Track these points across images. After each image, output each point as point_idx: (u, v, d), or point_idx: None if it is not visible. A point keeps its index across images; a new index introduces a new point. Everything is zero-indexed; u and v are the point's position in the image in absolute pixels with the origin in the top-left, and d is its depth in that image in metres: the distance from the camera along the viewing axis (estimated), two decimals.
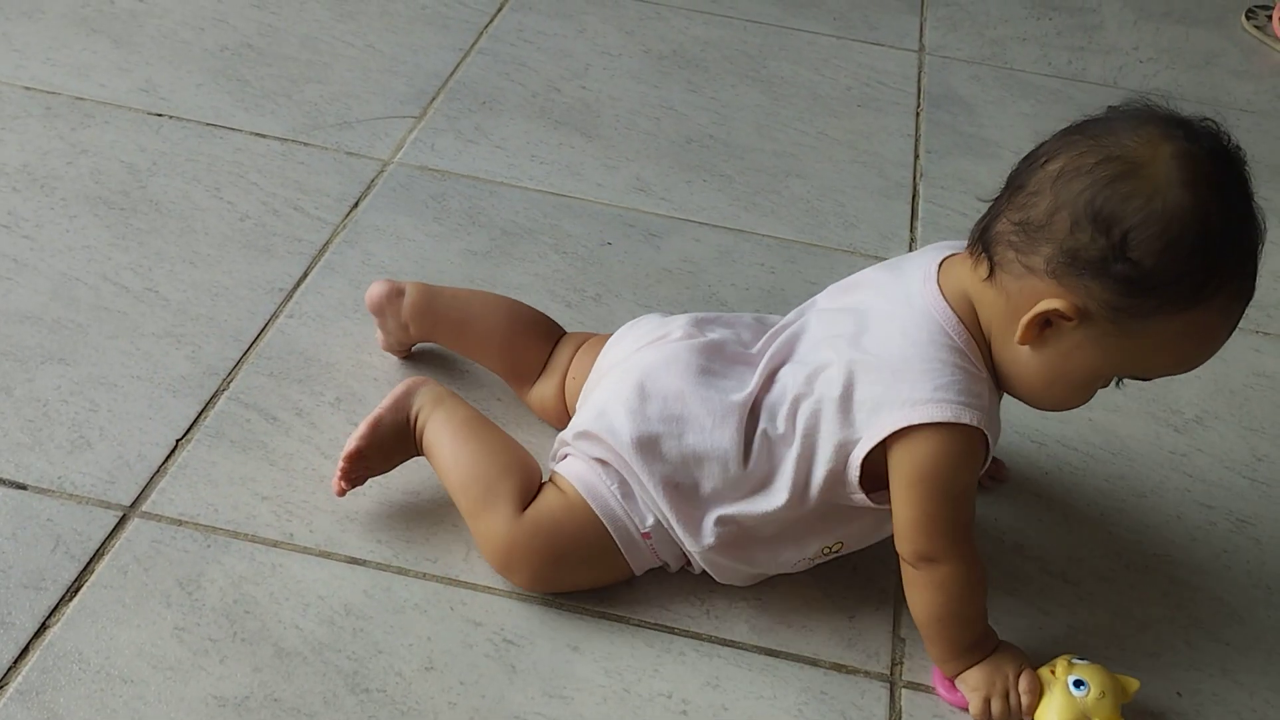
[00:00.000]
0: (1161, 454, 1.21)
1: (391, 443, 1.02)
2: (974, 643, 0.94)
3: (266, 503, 1.03)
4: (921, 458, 0.90)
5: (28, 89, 1.50)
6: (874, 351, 0.92)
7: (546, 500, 0.97)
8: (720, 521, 0.95)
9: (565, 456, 1.01)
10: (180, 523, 1.00)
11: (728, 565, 0.98)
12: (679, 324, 1.03)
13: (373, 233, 1.35)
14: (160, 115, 1.49)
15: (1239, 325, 0.90)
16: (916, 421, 0.88)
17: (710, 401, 0.95)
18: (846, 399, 0.92)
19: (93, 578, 0.95)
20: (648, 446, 0.95)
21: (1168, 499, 1.16)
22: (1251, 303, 0.89)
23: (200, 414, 1.10)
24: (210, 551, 0.98)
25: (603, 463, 0.97)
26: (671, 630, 0.98)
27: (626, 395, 0.97)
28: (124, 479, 1.03)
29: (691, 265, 1.38)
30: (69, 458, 1.04)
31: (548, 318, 1.16)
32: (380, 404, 1.02)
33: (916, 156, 1.64)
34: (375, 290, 1.14)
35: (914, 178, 1.60)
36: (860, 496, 0.93)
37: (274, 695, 0.89)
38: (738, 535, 0.96)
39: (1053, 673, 0.93)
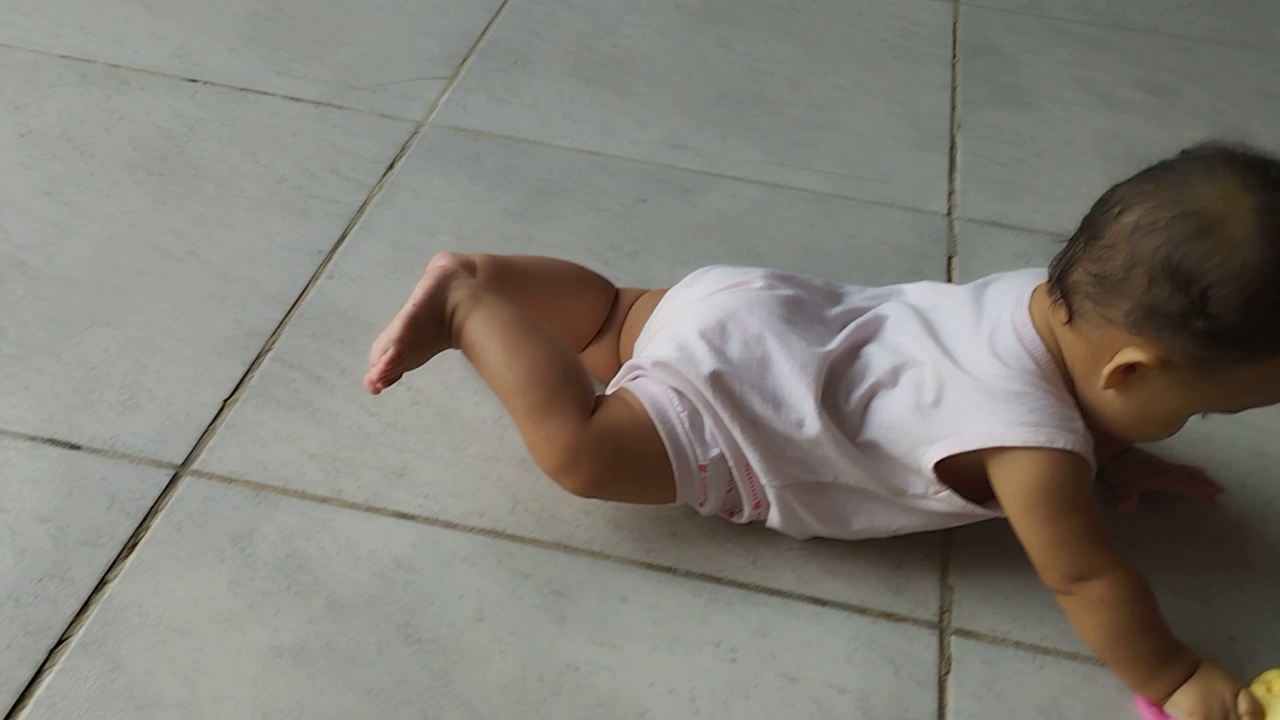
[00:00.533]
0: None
1: (429, 338, 0.98)
2: (1165, 656, 0.91)
3: (314, 460, 1.04)
4: (1028, 484, 0.89)
5: (63, 57, 1.51)
6: (966, 366, 0.92)
7: (614, 410, 0.96)
8: (795, 463, 0.95)
9: (637, 378, 1.00)
10: (230, 480, 1.01)
11: (798, 509, 0.97)
12: (758, 274, 1.02)
13: (409, 194, 1.36)
14: (194, 81, 1.50)
15: None
16: (1013, 443, 0.89)
17: (792, 348, 0.95)
18: (935, 402, 0.92)
19: (148, 534, 0.96)
20: (727, 383, 0.94)
21: (1216, 445, 1.15)
22: None
23: (245, 374, 1.11)
24: (260, 508, 0.99)
25: (678, 392, 0.96)
26: (718, 580, 0.98)
27: (709, 331, 0.96)
28: (174, 439, 1.04)
29: (728, 220, 1.38)
30: (120, 419, 1.05)
31: (601, 277, 1.14)
32: (412, 297, 0.98)
33: (953, 108, 1.62)
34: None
35: (951, 129, 1.58)
36: (944, 492, 0.93)
37: (330, 645, 0.90)
38: (815, 484, 0.96)
39: (1268, 690, 0.90)
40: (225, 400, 1.08)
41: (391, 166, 1.40)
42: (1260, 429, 1.17)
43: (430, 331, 0.98)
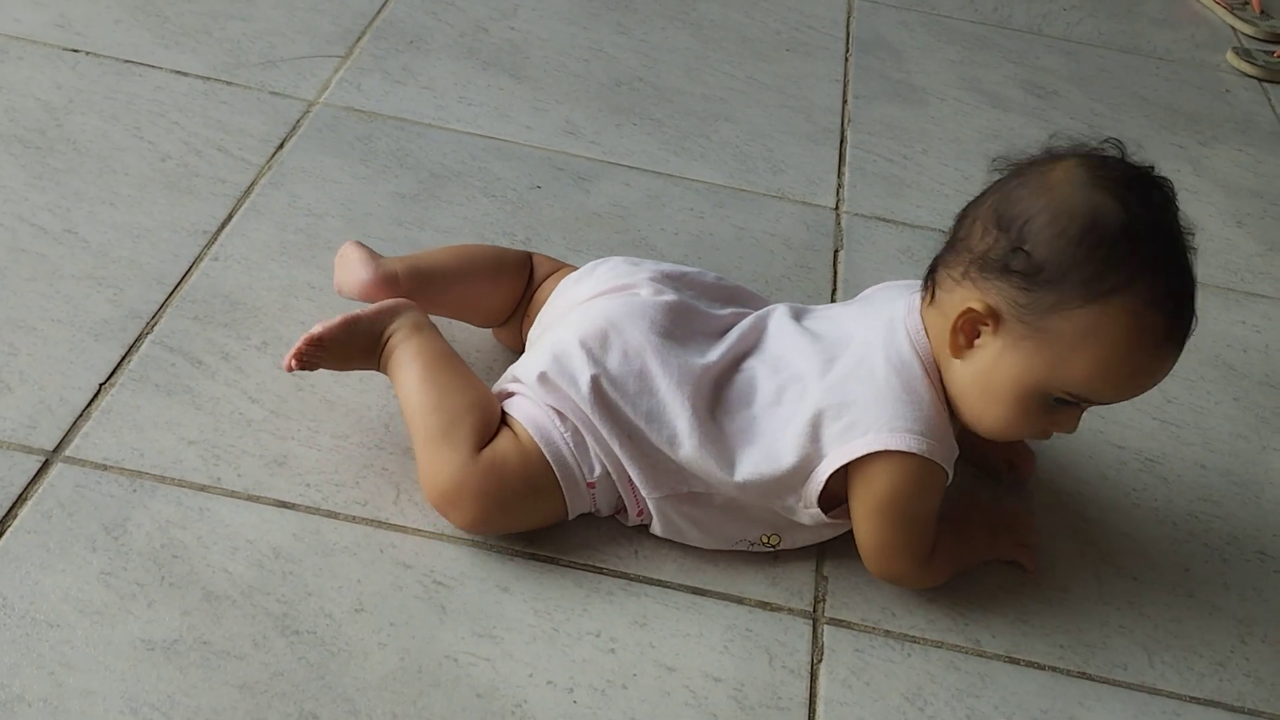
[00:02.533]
0: None
1: (358, 346, 1.00)
2: (976, 556, 1.04)
3: (193, 447, 1.02)
4: (883, 487, 0.94)
5: None
6: (852, 376, 0.95)
7: (501, 443, 0.97)
8: (673, 474, 0.97)
9: (513, 395, 1.01)
10: (105, 467, 0.99)
11: (676, 519, 0.99)
12: (646, 275, 1.03)
13: (298, 174, 1.34)
14: (76, 51, 1.45)
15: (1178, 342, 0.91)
16: (885, 448, 0.92)
17: (669, 364, 0.97)
18: (817, 421, 0.94)
19: (15, 523, 0.94)
20: (605, 396, 0.96)
21: (1081, 439, 1.20)
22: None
23: (123, 358, 1.09)
24: (136, 496, 0.98)
25: (558, 413, 0.97)
26: (600, 570, 1.00)
27: (589, 340, 0.97)
28: (46, 423, 1.02)
29: (621, 210, 1.38)
30: None
31: (519, 254, 1.13)
32: (365, 307, 1.01)
33: (845, 102, 1.65)
34: (363, 284, 1.07)
35: (842, 123, 1.61)
36: (815, 512, 0.97)
37: (203, 638, 0.89)
38: (690, 494, 0.98)
39: None
40: (101, 384, 1.06)
41: (281, 146, 1.37)
42: (1121, 424, 1.23)
43: (362, 340, 1.00)
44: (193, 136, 1.36)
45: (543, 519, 1.00)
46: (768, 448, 0.96)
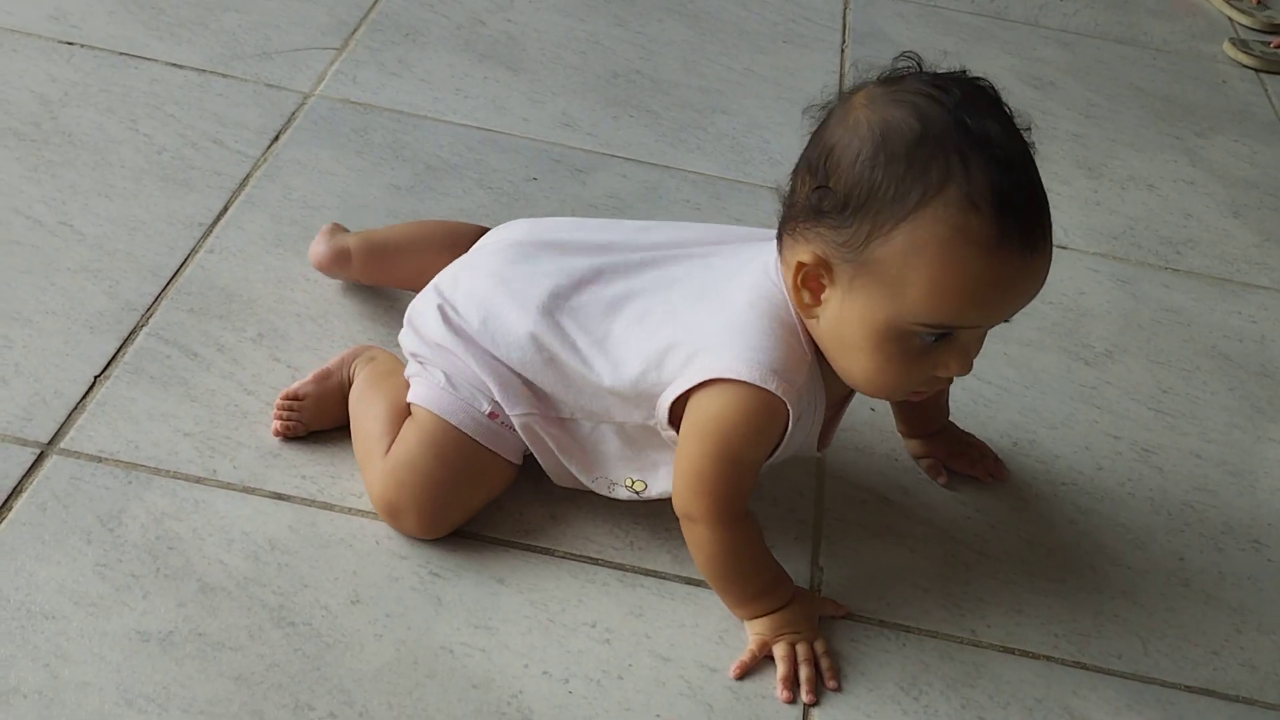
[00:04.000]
0: (1073, 387, 1.25)
1: (332, 398, 1.04)
2: (758, 593, 0.95)
3: (188, 439, 1.02)
4: (715, 410, 0.89)
5: None
6: (712, 307, 0.92)
7: (403, 433, 0.98)
8: (531, 390, 0.96)
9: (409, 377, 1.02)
10: (100, 459, 0.99)
11: (543, 436, 0.97)
12: (518, 226, 1.05)
13: (294, 167, 1.34)
14: (71, 44, 1.45)
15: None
16: (725, 375, 0.88)
17: (512, 282, 0.97)
18: (668, 347, 0.91)
19: (10, 515, 0.94)
20: (450, 321, 0.97)
21: (1077, 430, 1.20)
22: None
23: (119, 350, 1.09)
24: (131, 488, 0.98)
25: (422, 364, 0.99)
26: (595, 561, 1.00)
27: (440, 282, 1.01)
28: (41, 416, 1.02)
29: (617, 201, 1.38)
30: None
31: (476, 227, 1.13)
32: (334, 357, 1.06)
33: (841, 94, 1.65)
34: (320, 256, 1.15)
35: None
36: (671, 434, 0.94)
37: (198, 630, 0.89)
38: (556, 419, 0.97)
39: None
40: (97, 376, 1.06)
41: (276, 138, 1.37)
42: (1117, 414, 1.23)
43: (335, 393, 1.04)
44: (188, 129, 1.36)
45: (491, 480, 0.98)
46: (615, 360, 0.93)
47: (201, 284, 1.17)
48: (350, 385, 1.05)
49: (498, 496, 1.00)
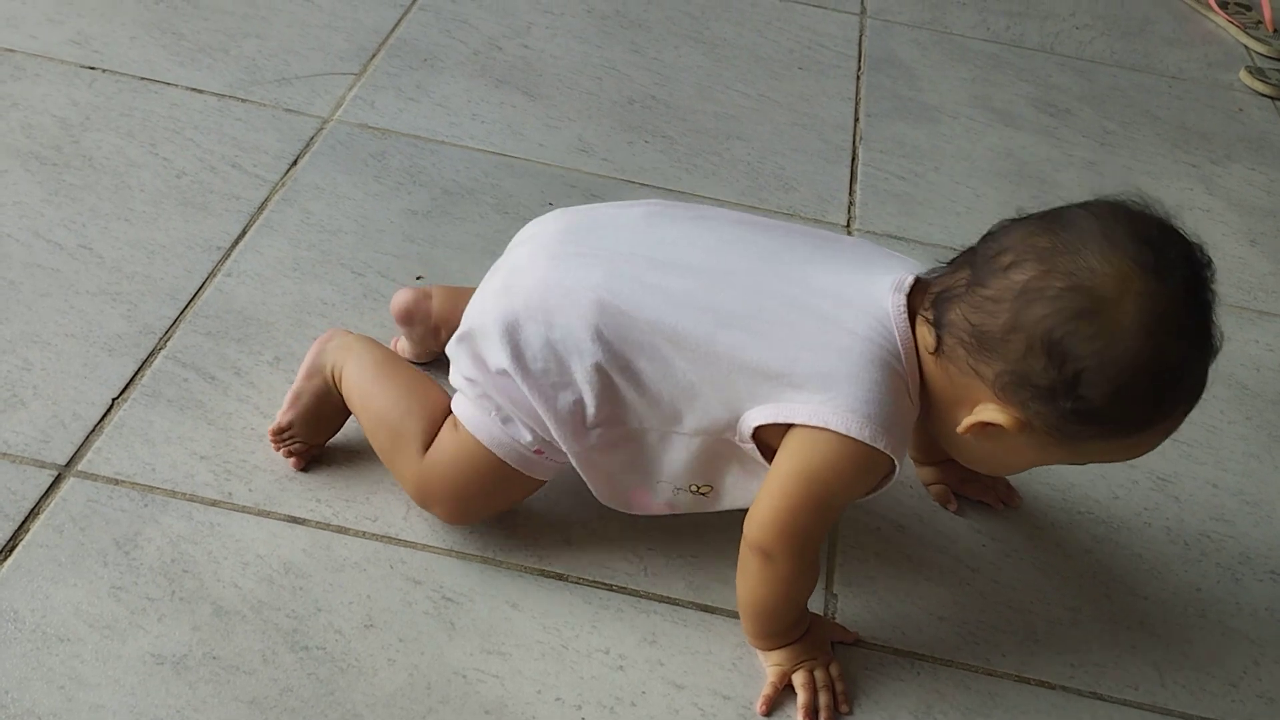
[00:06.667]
0: None
1: (320, 410, 1.03)
2: (786, 630, 0.95)
3: (205, 462, 1.03)
4: (821, 458, 0.87)
5: None
6: (821, 338, 0.88)
7: (442, 441, 0.98)
8: (600, 418, 0.92)
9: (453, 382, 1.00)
10: (117, 482, 1.00)
11: (604, 470, 0.95)
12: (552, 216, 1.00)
13: (312, 191, 1.35)
14: (93, 69, 1.47)
15: None
16: (838, 429, 0.86)
17: (569, 291, 0.91)
18: (771, 372, 0.88)
19: (28, 537, 0.94)
20: (516, 348, 0.91)
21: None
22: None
23: (137, 373, 1.09)
24: (147, 511, 0.98)
25: (487, 396, 0.95)
26: (609, 587, 0.99)
27: (499, 306, 0.93)
28: (59, 438, 1.02)
29: None
30: (1, 416, 1.03)
31: None
32: (298, 375, 1.04)
33: (856, 120, 1.66)
34: (401, 297, 1.10)
35: (854, 141, 1.61)
36: (750, 446, 0.91)
37: (213, 653, 0.89)
38: (620, 435, 0.93)
39: None
40: (114, 399, 1.07)
41: (295, 163, 1.38)
42: None
43: (319, 405, 1.03)
44: (207, 153, 1.37)
45: (518, 492, 1.00)
46: (701, 368, 0.89)
47: (219, 307, 1.18)
48: (336, 381, 1.03)
49: (518, 506, 1.03)
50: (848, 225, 1.46)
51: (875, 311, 0.89)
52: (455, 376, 0.99)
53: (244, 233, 1.27)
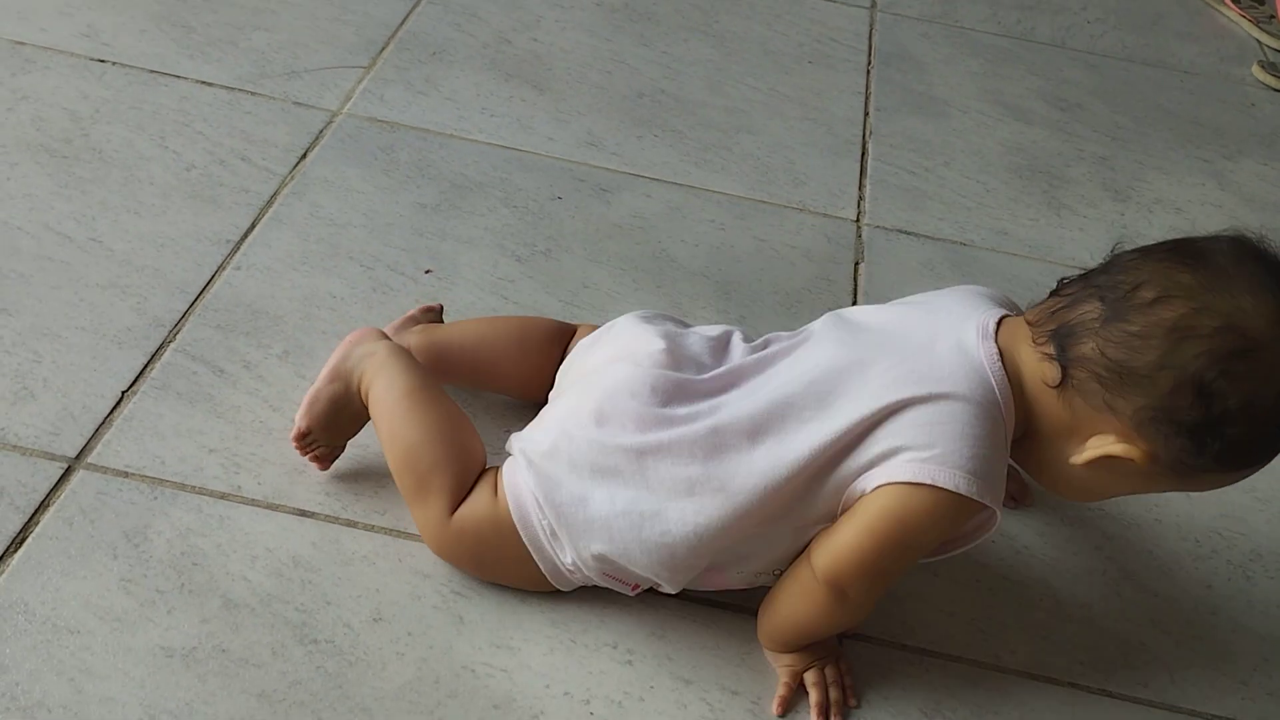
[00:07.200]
0: None
1: (338, 417, 1.00)
2: (807, 640, 0.94)
3: (214, 455, 1.03)
4: (916, 504, 0.85)
5: None
6: (915, 392, 0.86)
7: (477, 506, 0.94)
8: (685, 547, 0.90)
9: (511, 460, 0.96)
10: (126, 475, 1.00)
11: (685, 572, 0.93)
12: (657, 343, 0.94)
13: (321, 184, 1.34)
14: (103, 61, 1.47)
15: None
16: (945, 486, 0.84)
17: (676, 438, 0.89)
18: (871, 429, 0.86)
19: (37, 529, 0.95)
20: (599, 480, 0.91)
21: None
22: None
23: (146, 366, 1.10)
24: (157, 503, 0.98)
25: (539, 502, 0.92)
26: None
27: (583, 419, 0.91)
28: (69, 431, 1.02)
29: (642, 221, 1.39)
30: (11, 409, 1.03)
31: (552, 329, 1.08)
32: (320, 375, 1.00)
33: (866, 114, 1.65)
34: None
35: (864, 135, 1.61)
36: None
37: (221, 646, 0.89)
38: (708, 546, 0.91)
39: None
40: (124, 392, 1.07)
41: (304, 156, 1.38)
42: None
43: (336, 409, 0.99)
44: (217, 146, 1.37)
45: (532, 584, 0.96)
46: (807, 454, 0.87)
47: (228, 301, 1.18)
48: (359, 389, 0.99)
49: None
50: (857, 220, 1.45)
51: (972, 354, 0.87)
52: (520, 455, 0.94)
53: (253, 226, 1.27)
